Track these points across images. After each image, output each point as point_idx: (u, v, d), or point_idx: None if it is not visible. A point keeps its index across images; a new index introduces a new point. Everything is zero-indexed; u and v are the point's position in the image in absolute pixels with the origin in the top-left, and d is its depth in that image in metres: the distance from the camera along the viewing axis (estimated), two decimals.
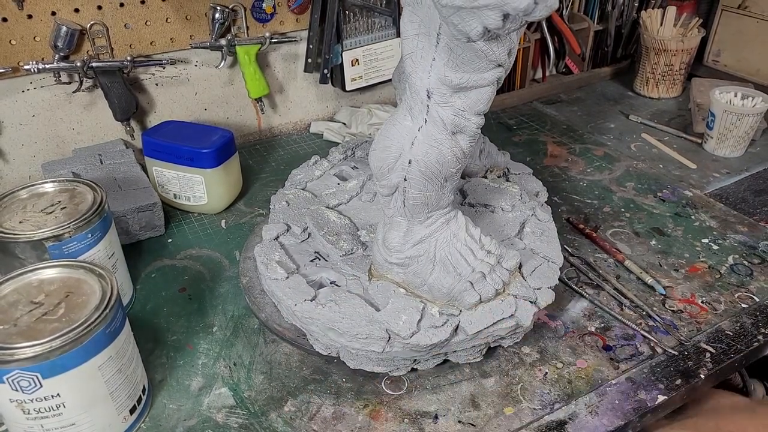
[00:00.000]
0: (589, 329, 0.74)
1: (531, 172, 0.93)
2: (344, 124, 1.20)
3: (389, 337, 0.63)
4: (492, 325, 0.65)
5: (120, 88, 0.98)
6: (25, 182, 0.75)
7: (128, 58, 0.97)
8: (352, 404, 0.65)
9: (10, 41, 0.90)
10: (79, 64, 0.94)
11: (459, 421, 0.63)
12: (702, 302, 0.78)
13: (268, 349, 0.71)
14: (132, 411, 0.60)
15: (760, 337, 0.72)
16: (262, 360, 0.70)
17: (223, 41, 1.04)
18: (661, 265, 0.84)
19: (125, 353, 0.58)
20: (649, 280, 0.80)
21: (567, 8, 1.34)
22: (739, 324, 0.74)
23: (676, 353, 0.70)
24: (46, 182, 0.73)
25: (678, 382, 0.67)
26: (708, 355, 0.70)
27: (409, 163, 0.62)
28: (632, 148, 1.15)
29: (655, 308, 0.76)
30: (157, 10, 0.99)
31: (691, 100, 1.25)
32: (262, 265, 0.73)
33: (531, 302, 0.68)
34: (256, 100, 1.13)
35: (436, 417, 0.63)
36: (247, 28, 1.07)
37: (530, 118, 1.27)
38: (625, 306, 0.77)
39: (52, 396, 0.53)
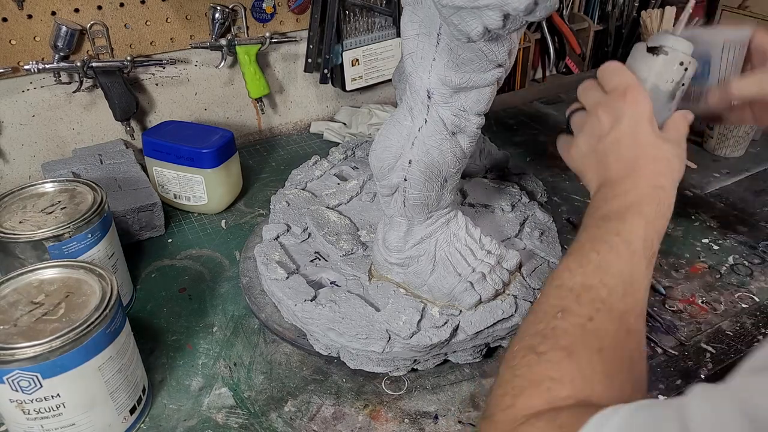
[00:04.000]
0: None
1: (531, 172, 0.93)
2: (344, 124, 1.20)
3: (389, 337, 0.63)
4: (492, 325, 0.65)
5: (120, 88, 0.98)
6: (25, 182, 0.75)
7: (128, 58, 0.97)
8: (353, 404, 0.64)
9: (10, 41, 0.90)
10: (79, 64, 0.93)
11: (459, 422, 0.63)
12: (702, 302, 0.78)
13: (268, 349, 0.71)
14: (132, 411, 0.60)
15: (761, 337, 0.72)
16: (262, 360, 0.70)
17: (223, 41, 1.04)
18: (661, 265, 0.84)
19: (125, 353, 0.58)
20: None
21: (567, 8, 1.34)
22: (739, 324, 0.74)
23: (676, 353, 0.70)
24: (46, 182, 0.73)
25: (678, 382, 0.67)
26: (708, 355, 0.70)
27: (410, 163, 0.62)
28: None
29: (655, 308, 0.76)
30: (157, 10, 0.99)
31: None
32: (262, 265, 0.73)
33: (531, 302, 0.68)
34: (256, 100, 1.13)
35: (436, 417, 0.63)
36: (247, 28, 1.07)
37: (530, 118, 1.27)
38: None
39: (52, 396, 0.53)
